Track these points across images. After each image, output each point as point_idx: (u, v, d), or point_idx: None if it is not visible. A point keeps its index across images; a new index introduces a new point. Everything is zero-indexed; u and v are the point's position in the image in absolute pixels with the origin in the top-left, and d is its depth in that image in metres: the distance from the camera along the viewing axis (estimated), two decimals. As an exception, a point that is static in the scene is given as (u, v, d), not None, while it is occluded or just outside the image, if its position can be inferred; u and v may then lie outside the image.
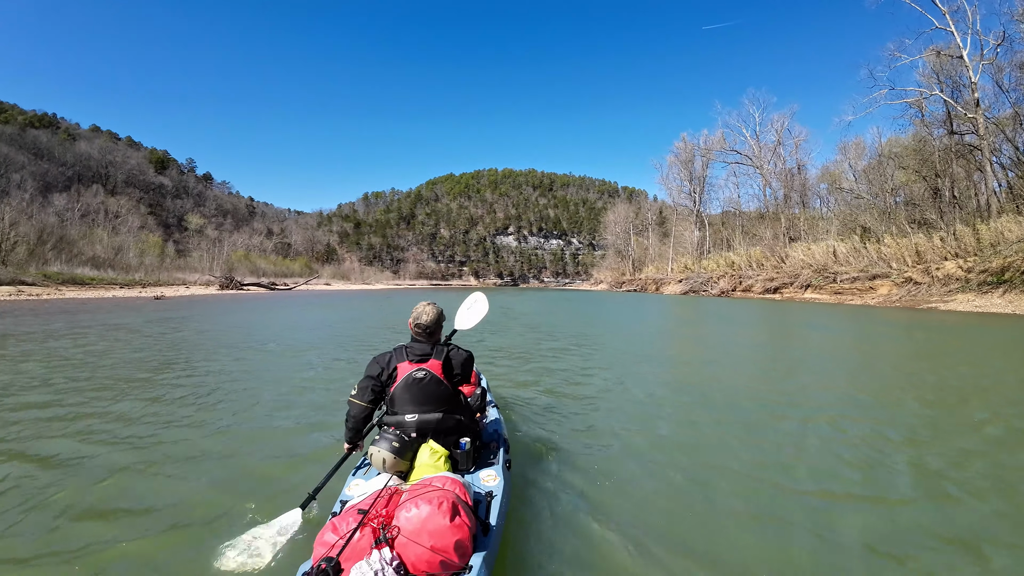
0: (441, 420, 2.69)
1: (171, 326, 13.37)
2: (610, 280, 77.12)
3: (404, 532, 1.87)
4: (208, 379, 6.47)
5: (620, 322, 16.76)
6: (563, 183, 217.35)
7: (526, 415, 4.79)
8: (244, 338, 11.00)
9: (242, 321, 15.39)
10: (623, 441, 4.04)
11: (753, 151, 50.07)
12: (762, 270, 37.73)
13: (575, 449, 3.81)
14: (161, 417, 4.68)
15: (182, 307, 22.09)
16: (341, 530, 1.89)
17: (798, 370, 7.61)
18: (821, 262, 31.80)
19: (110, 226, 71.17)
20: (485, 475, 2.63)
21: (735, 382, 6.51)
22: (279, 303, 25.75)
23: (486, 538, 2.07)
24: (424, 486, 2.07)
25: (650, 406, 5.19)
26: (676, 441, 4.10)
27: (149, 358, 8.06)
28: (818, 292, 30.35)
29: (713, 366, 7.95)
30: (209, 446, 3.92)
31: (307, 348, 9.63)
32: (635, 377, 6.78)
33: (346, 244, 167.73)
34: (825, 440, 4.11)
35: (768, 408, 5.11)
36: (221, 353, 8.69)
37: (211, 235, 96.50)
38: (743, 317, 18.68)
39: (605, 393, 5.76)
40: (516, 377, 6.77)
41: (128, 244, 62.07)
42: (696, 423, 4.56)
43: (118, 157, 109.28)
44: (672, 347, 10.95)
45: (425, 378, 2.72)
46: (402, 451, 2.53)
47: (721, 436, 4.18)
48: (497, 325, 14.55)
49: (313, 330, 13.33)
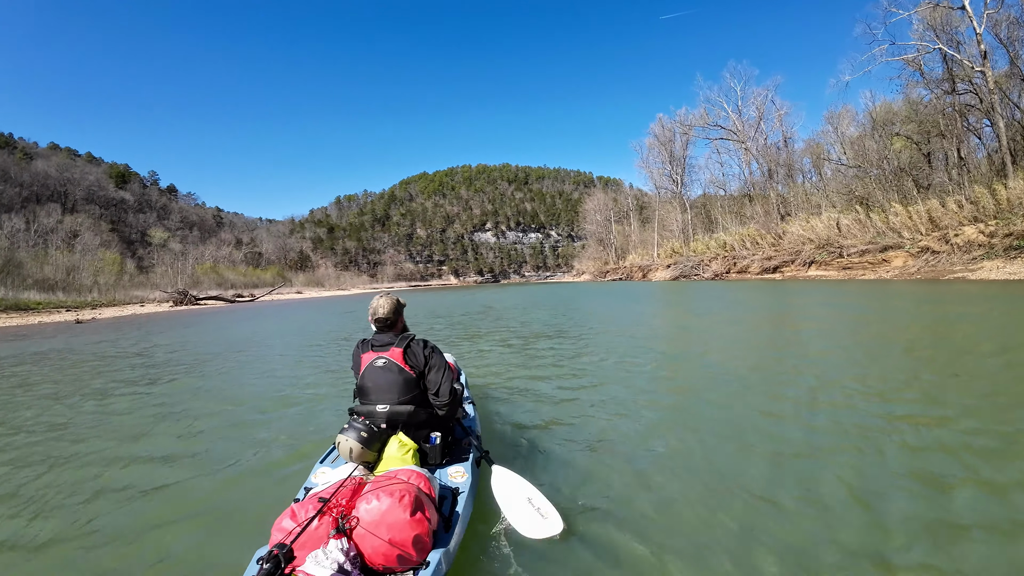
0: (412, 413, 2.67)
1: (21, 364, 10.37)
2: (593, 270, 75.01)
3: (363, 523, 1.85)
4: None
5: (610, 313, 14.76)
6: (538, 176, 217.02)
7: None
8: (113, 370, 8.23)
9: (144, 347, 12.37)
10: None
11: (736, 127, 47.87)
12: (758, 249, 35.58)
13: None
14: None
15: (99, 331, 18.76)
16: (299, 517, 1.86)
17: (827, 361, 6.04)
18: (824, 236, 29.75)
19: (65, 246, 67.49)
20: (454, 471, 2.58)
21: (744, 374, 5.56)
22: (227, 318, 22.74)
23: (447, 534, 2.05)
24: (388, 478, 2.08)
25: (641, 407, 4.54)
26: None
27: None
28: (823, 268, 28.33)
29: (724, 356, 6.75)
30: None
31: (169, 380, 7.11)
32: (628, 374, 5.97)
33: (320, 250, 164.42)
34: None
35: (779, 392, 4.70)
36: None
37: (175, 248, 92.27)
38: (749, 300, 16.84)
39: (589, 391, 5.23)
40: (495, 372, 6.52)
41: (82, 264, 58.17)
42: (699, 429, 3.85)
43: (76, 174, 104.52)
44: (673, 336, 9.71)
45: (386, 365, 2.71)
46: (370, 441, 2.49)
47: (744, 449, 3.39)
48: (480, 327, 12.81)
49: (222, 354, 10.50)
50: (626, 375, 5.83)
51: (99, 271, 58.16)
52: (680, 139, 54.09)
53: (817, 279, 26.88)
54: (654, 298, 20.72)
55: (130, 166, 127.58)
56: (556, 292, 34.41)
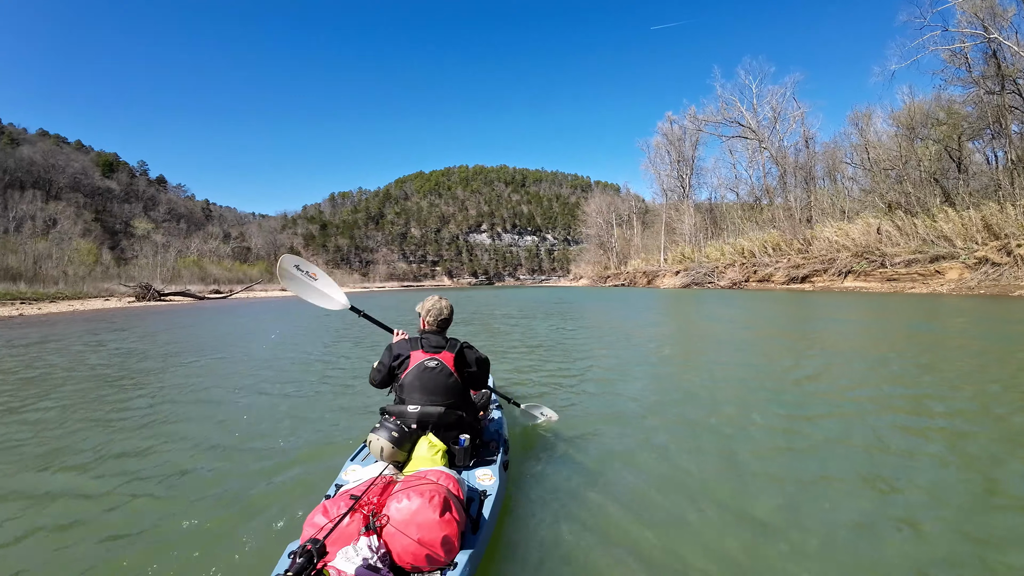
0: (443, 414, 2.64)
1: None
2: (591, 275, 72.17)
3: (393, 522, 1.86)
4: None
5: (625, 323, 12.30)
6: (536, 178, 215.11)
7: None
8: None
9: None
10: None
11: (751, 125, 44.90)
12: (782, 256, 32.60)
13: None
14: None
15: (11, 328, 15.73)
16: (331, 513, 1.88)
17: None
18: (861, 243, 26.80)
19: (41, 234, 64.07)
20: (481, 473, 2.58)
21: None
22: (177, 318, 19.54)
23: (475, 536, 2.04)
24: (418, 478, 2.07)
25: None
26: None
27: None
28: (863, 280, 25.42)
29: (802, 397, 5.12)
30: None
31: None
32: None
33: (312, 247, 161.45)
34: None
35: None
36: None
37: (157, 240, 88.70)
38: (793, 314, 14.38)
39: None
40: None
41: (53, 253, 54.62)
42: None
43: (61, 160, 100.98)
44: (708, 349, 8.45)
45: (436, 368, 2.70)
46: (400, 441, 2.51)
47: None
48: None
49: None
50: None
51: (69, 261, 54.44)
52: (689, 139, 51.30)
53: (856, 291, 24.04)
54: (678, 309, 17.79)
55: (119, 155, 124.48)
56: (559, 297, 31.43)
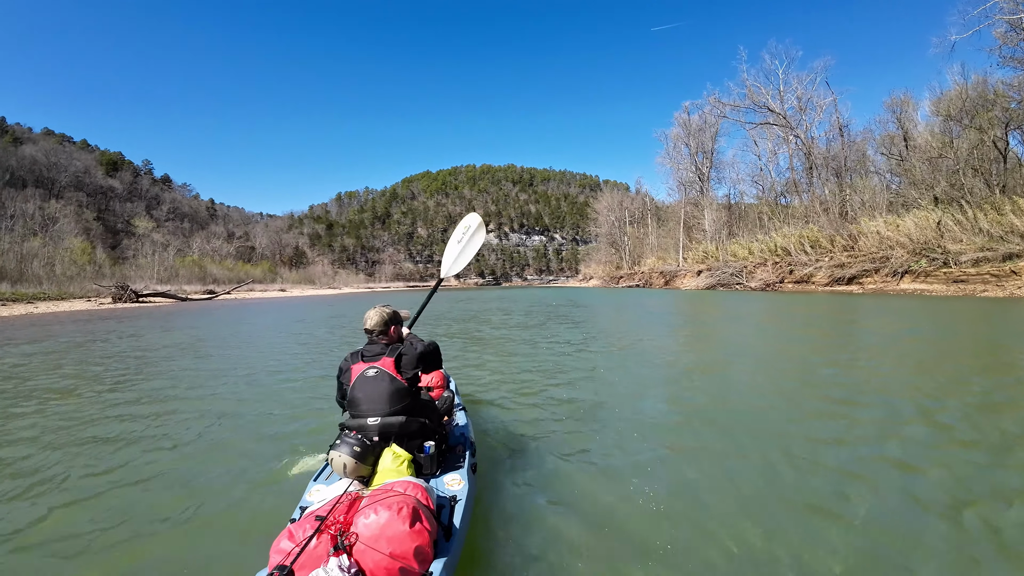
0: (404, 424, 2.59)
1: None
2: (602, 275, 68.96)
3: (362, 539, 1.80)
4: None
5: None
6: (543, 178, 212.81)
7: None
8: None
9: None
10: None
11: (780, 111, 41.48)
12: (823, 254, 29.20)
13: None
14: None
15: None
16: (297, 537, 1.81)
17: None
18: (918, 240, 23.49)
19: (39, 233, 62.41)
20: (449, 479, 2.53)
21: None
22: (129, 325, 16.90)
23: (448, 543, 2.02)
24: (384, 491, 2.05)
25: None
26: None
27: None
28: (922, 281, 22.11)
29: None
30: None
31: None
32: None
33: (318, 247, 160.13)
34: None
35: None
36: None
37: (157, 239, 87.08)
38: (856, 321, 11.37)
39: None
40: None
41: (41, 253, 52.63)
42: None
43: (63, 159, 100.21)
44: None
45: (376, 375, 2.66)
46: (363, 455, 2.44)
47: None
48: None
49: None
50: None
51: (57, 261, 52.40)
52: (709, 130, 47.93)
53: (916, 294, 20.89)
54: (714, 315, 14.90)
55: (124, 154, 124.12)
56: (569, 298, 28.58)
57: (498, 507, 2.70)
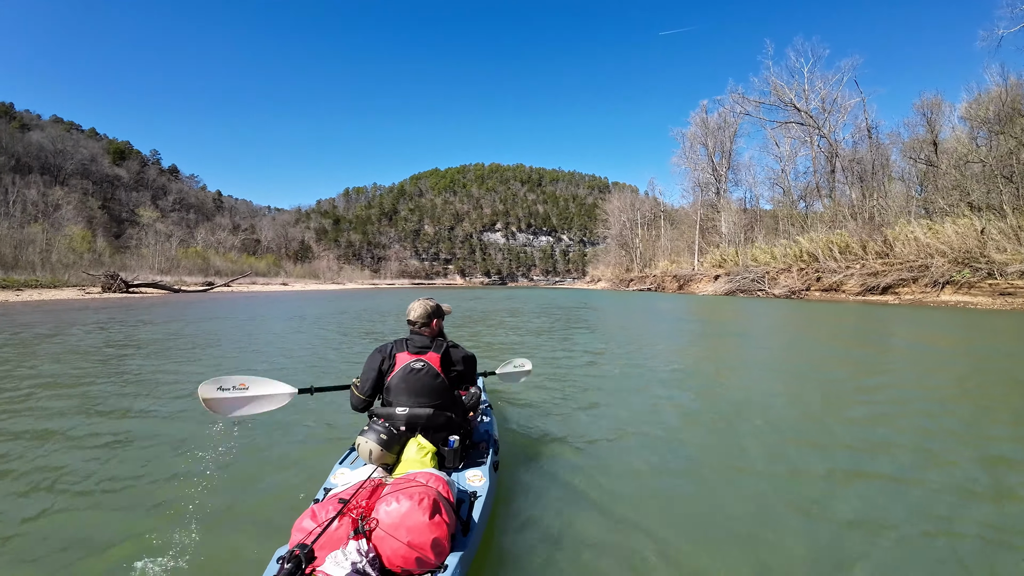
0: (432, 416, 2.57)
1: None
2: (611, 277, 67.09)
3: (382, 525, 1.81)
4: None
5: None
6: (552, 178, 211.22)
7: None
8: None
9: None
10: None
11: (805, 109, 39.64)
12: (854, 261, 27.36)
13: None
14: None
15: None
16: (320, 518, 1.82)
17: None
18: (959, 248, 21.72)
19: (31, 219, 61.61)
20: (471, 475, 2.50)
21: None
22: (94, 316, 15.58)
23: (465, 538, 2.00)
24: (407, 481, 2.02)
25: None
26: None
27: None
28: (964, 292, 20.33)
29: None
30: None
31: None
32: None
33: (324, 241, 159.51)
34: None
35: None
36: None
37: (160, 229, 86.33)
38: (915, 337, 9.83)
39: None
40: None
41: (39, 240, 51.69)
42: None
43: (69, 146, 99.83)
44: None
45: (423, 369, 2.62)
46: (389, 444, 2.44)
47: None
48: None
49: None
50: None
51: (54, 248, 51.47)
52: (727, 131, 46.13)
53: (958, 307, 19.14)
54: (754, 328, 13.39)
55: (132, 144, 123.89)
56: (580, 300, 27.04)
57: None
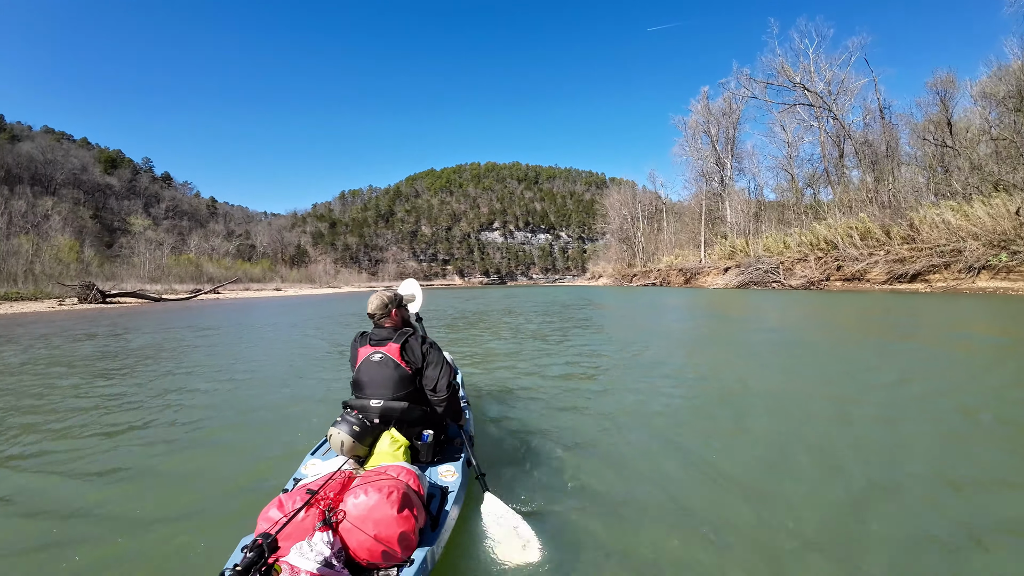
0: (407, 410, 2.55)
1: None
2: (613, 273, 65.27)
3: (350, 517, 1.81)
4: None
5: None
6: (549, 175, 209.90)
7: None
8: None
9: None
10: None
11: (814, 89, 37.89)
12: (877, 247, 25.46)
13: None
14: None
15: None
16: (287, 507, 1.81)
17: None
18: (994, 230, 19.85)
19: (18, 230, 60.23)
20: (444, 470, 2.49)
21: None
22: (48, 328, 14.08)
23: (434, 533, 2.00)
24: (378, 474, 2.03)
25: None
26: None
27: None
28: (1003, 278, 18.53)
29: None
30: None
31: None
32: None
33: (320, 245, 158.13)
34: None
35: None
36: None
37: (151, 237, 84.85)
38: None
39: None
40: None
41: (19, 250, 50.17)
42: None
43: (59, 156, 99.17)
44: None
45: (382, 360, 2.62)
46: (362, 436, 2.40)
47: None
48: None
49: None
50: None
51: (36, 259, 50.03)
52: (730, 117, 44.43)
53: (996, 293, 17.55)
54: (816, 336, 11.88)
55: (123, 152, 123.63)
56: (585, 297, 25.44)
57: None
